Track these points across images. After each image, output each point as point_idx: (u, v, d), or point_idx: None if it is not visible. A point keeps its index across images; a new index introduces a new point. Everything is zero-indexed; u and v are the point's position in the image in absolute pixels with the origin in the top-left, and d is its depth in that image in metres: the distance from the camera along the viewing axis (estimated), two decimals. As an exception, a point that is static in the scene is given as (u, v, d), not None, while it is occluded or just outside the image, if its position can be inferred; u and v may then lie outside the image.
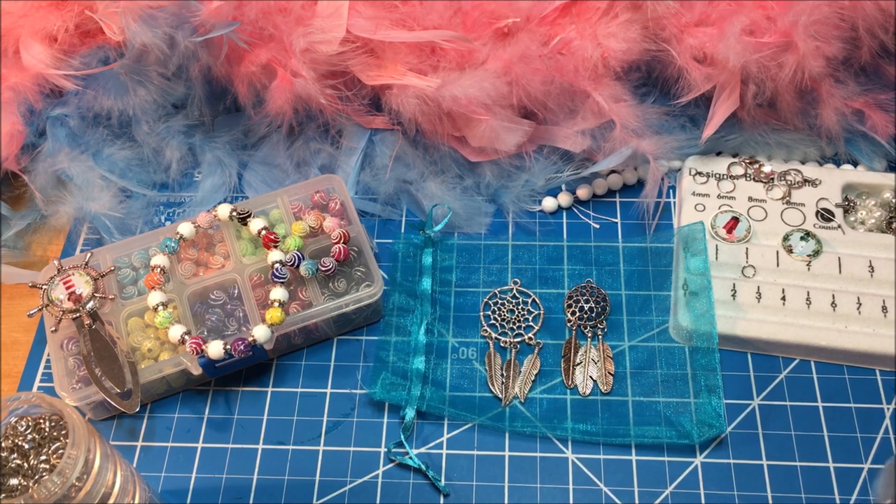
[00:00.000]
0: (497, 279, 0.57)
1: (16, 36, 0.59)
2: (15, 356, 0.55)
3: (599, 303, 0.55)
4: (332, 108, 0.59)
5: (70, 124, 0.60)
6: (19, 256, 0.60)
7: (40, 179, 0.60)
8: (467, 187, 0.60)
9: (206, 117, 0.63)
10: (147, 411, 0.53)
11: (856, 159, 0.61)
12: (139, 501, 0.42)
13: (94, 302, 0.51)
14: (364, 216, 0.61)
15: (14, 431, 0.39)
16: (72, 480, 0.36)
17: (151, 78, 0.59)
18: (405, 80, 0.56)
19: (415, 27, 0.57)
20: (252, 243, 0.55)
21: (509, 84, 0.56)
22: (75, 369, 0.51)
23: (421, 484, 0.49)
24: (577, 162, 0.60)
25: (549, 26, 0.58)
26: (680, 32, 0.57)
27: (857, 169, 0.61)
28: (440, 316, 0.55)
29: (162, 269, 0.53)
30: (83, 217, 0.59)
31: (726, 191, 0.59)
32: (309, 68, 0.56)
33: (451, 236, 0.59)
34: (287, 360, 0.55)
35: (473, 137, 0.58)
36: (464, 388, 0.52)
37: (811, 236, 0.56)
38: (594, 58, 0.56)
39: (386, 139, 0.61)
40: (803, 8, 0.54)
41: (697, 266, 0.54)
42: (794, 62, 0.55)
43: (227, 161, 0.62)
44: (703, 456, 0.50)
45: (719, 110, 0.58)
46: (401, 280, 0.56)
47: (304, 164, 0.61)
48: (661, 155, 0.58)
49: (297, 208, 0.57)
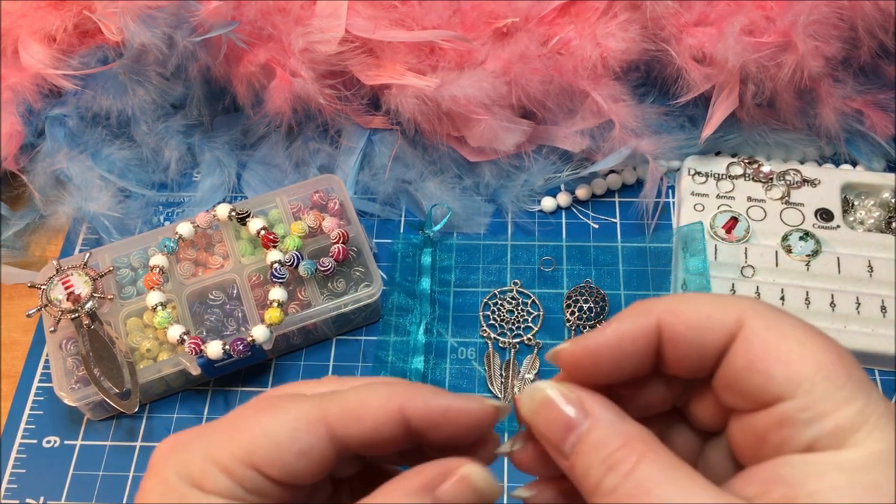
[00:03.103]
0: (496, 279, 0.57)
1: (14, 36, 0.59)
2: (14, 356, 0.55)
3: (598, 303, 0.55)
4: (331, 108, 0.59)
5: (69, 124, 0.60)
6: (18, 256, 0.60)
7: (39, 179, 0.59)
8: (466, 187, 0.60)
9: (204, 117, 0.63)
10: (146, 411, 0.53)
11: (855, 159, 0.61)
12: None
13: (92, 302, 0.51)
14: (363, 216, 0.61)
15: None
16: None
17: (150, 78, 0.59)
18: (404, 79, 0.56)
19: (414, 27, 0.57)
20: (251, 243, 0.55)
21: (508, 84, 0.56)
22: (74, 369, 0.51)
23: (420, 484, 0.49)
24: (576, 162, 0.60)
25: (548, 26, 0.58)
26: (679, 32, 0.57)
27: (856, 169, 0.61)
28: (439, 316, 0.55)
29: (161, 269, 0.53)
30: (82, 217, 0.59)
31: (725, 191, 0.59)
32: (308, 68, 0.56)
33: (450, 236, 0.59)
34: (286, 361, 0.54)
35: (472, 137, 0.58)
36: (463, 388, 0.52)
37: (810, 236, 0.56)
38: (593, 57, 0.56)
39: (385, 139, 0.61)
40: (802, 8, 0.54)
41: (696, 266, 0.54)
42: (793, 62, 0.55)
43: (225, 161, 0.62)
44: (702, 456, 0.49)
45: (718, 110, 0.58)
46: (400, 280, 0.56)
47: (303, 164, 0.61)
48: (660, 155, 0.58)
49: (296, 208, 0.57)
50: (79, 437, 0.52)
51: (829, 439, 0.24)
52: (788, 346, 0.25)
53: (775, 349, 0.25)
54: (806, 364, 0.24)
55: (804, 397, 0.24)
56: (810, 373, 0.24)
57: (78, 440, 0.51)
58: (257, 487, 0.26)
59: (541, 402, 0.27)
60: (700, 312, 0.27)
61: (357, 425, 0.27)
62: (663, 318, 0.27)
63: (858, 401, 0.24)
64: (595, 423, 0.26)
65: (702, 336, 0.26)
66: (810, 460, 0.24)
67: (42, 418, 0.52)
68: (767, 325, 0.26)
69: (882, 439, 0.23)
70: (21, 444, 0.51)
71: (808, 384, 0.24)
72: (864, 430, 0.23)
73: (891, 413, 0.24)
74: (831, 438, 0.24)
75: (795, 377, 0.24)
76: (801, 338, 0.25)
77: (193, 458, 0.26)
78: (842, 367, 0.24)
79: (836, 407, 0.24)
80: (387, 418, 0.27)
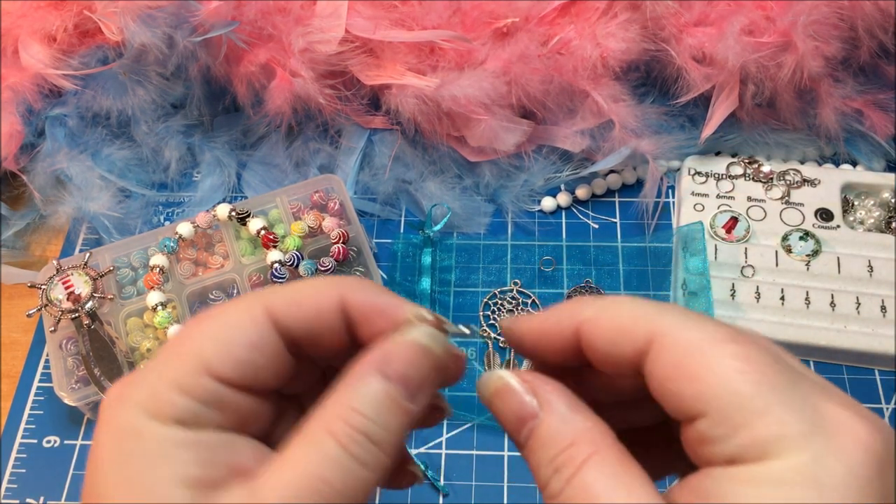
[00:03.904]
0: (496, 279, 0.57)
1: (15, 36, 0.59)
2: (14, 356, 0.55)
3: (598, 303, 0.55)
4: (331, 108, 0.59)
5: (69, 124, 0.60)
6: (18, 256, 0.60)
7: (39, 179, 0.59)
8: (466, 187, 0.60)
9: (205, 117, 0.63)
10: (146, 411, 0.53)
11: (855, 159, 0.61)
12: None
13: (92, 302, 0.51)
14: (363, 216, 0.61)
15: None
16: None
17: (150, 78, 0.59)
18: (404, 79, 0.56)
19: (414, 27, 0.57)
20: (251, 243, 0.55)
21: (508, 84, 0.56)
22: (74, 369, 0.51)
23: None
24: (576, 162, 0.60)
25: (548, 26, 0.58)
26: (679, 32, 0.57)
27: (856, 169, 0.61)
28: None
29: (161, 269, 0.53)
30: (82, 217, 0.59)
31: (725, 190, 0.59)
32: (308, 68, 0.56)
33: (450, 236, 0.59)
34: (286, 360, 0.54)
35: (472, 137, 0.58)
36: (463, 387, 0.52)
37: (810, 236, 0.56)
38: (593, 57, 0.56)
39: (385, 139, 0.61)
40: (802, 8, 0.54)
41: (696, 266, 0.54)
42: (793, 62, 0.55)
43: (226, 161, 0.62)
44: (702, 456, 0.49)
45: (718, 110, 0.58)
46: (400, 280, 0.56)
47: (303, 164, 0.61)
48: (660, 155, 0.58)
49: (297, 208, 0.57)
50: (79, 437, 0.52)
51: (750, 452, 0.23)
52: (696, 361, 0.24)
53: (684, 366, 0.24)
54: (713, 379, 0.23)
55: (715, 413, 0.23)
56: (718, 388, 0.23)
57: (78, 440, 0.51)
58: (216, 397, 0.25)
59: (496, 389, 0.27)
60: (615, 325, 0.26)
61: (298, 310, 0.26)
62: (583, 326, 0.27)
63: (776, 409, 0.23)
64: (546, 415, 0.26)
65: (617, 349, 0.26)
66: (732, 474, 0.23)
67: (42, 418, 0.52)
68: (676, 340, 0.25)
69: (806, 449, 0.22)
70: (21, 444, 0.51)
71: (717, 400, 0.23)
72: (787, 440, 0.22)
73: (822, 417, 0.23)
74: (751, 451, 0.23)
75: (703, 395, 0.23)
76: (710, 350, 0.24)
77: (144, 388, 0.25)
78: (755, 374, 0.23)
79: (749, 420, 0.23)
80: (327, 304, 0.27)
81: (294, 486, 0.23)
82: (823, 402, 0.23)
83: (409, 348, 0.26)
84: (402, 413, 0.25)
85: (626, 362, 0.26)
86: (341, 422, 0.24)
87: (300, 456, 0.24)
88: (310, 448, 0.24)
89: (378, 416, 0.25)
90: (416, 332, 0.26)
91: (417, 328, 0.27)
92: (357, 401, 0.25)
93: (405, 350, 0.26)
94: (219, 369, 0.25)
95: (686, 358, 0.24)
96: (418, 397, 0.26)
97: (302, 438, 0.24)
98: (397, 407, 0.25)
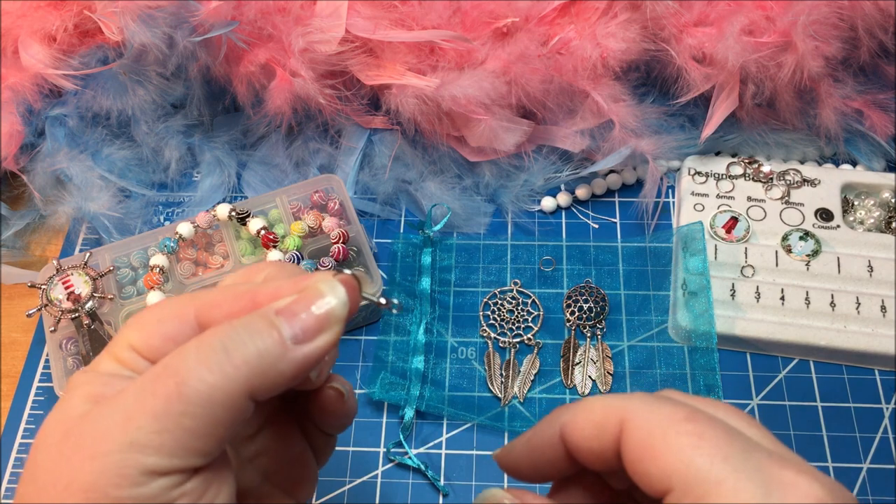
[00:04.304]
0: (496, 279, 0.57)
1: (15, 36, 0.59)
2: (14, 356, 0.55)
3: (598, 303, 0.55)
4: (331, 108, 0.59)
5: (69, 124, 0.60)
6: (18, 256, 0.60)
7: (39, 179, 0.59)
8: (466, 187, 0.60)
9: (205, 117, 0.63)
10: (146, 411, 0.53)
11: (855, 159, 0.61)
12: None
13: (93, 302, 0.51)
14: (363, 216, 0.61)
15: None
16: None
17: (150, 78, 0.59)
18: (404, 79, 0.56)
19: (414, 27, 0.57)
20: (251, 243, 0.55)
21: (508, 84, 0.56)
22: (74, 369, 0.51)
23: (420, 484, 0.49)
24: (576, 162, 0.60)
25: (548, 26, 0.58)
26: (679, 32, 0.57)
27: (856, 169, 0.61)
28: (439, 315, 0.55)
29: (161, 269, 0.53)
30: (82, 217, 0.59)
31: (725, 190, 0.59)
32: (308, 68, 0.56)
33: (450, 236, 0.59)
34: (286, 360, 0.54)
35: (472, 137, 0.58)
36: (463, 387, 0.52)
37: (810, 236, 0.56)
38: (593, 57, 0.56)
39: (385, 139, 0.61)
40: (802, 8, 0.54)
41: (696, 266, 0.54)
42: (793, 62, 0.55)
43: (226, 161, 0.62)
44: (702, 456, 0.49)
45: (718, 110, 0.58)
46: (400, 280, 0.56)
47: (303, 164, 0.61)
48: (659, 155, 0.58)
49: (296, 208, 0.57)
50: (79, 436, 0.52)
51: None
52: (657, 442, 0.26)
53: (648, 447, 0.26)
54: (672, 456, 0.26)
55: (680, 487, 0.25)
56: (678, 463, 0.26)
57: (78, 440, 0.51)
58: (139, 367, 0.29)
59: None
60: (591, 420, 0.29)
61: (216, 311, 0.29)
62: (563, 430, 0.29)
63: (730, 478, 0.25)
64: None
65: (598, 443, 0.28)
66: None
67: (42, 418, 0.52)
68: (639, 424, 0.27)
69: None
70: (21, 444, 0.51)
71: (678, 475, 0.25)
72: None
73: (776, 482, 0.25)
74: None
75: (666, 471, 0.26)
76: (669, 429, 0.26)
77: (98, 361, 0.29)
78: (709, 448, 0.26)
79: (709, 490, 0.25)
80: (239, 309, 0.29)
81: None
82: (777, 469, 0.25)
83: (305, 300, 0.29)
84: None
85: (610, 454, 0.28)
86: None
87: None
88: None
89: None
90: (317, 281, 0.29)
91: (317, 279, 0.29)
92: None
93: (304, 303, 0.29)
94: (142, 350, 0.29)
95: (649, 438, 0.27)
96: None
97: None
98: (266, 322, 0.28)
